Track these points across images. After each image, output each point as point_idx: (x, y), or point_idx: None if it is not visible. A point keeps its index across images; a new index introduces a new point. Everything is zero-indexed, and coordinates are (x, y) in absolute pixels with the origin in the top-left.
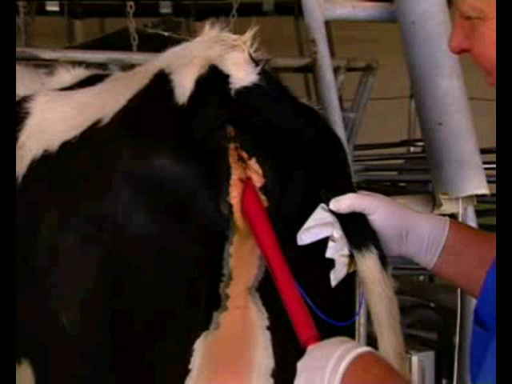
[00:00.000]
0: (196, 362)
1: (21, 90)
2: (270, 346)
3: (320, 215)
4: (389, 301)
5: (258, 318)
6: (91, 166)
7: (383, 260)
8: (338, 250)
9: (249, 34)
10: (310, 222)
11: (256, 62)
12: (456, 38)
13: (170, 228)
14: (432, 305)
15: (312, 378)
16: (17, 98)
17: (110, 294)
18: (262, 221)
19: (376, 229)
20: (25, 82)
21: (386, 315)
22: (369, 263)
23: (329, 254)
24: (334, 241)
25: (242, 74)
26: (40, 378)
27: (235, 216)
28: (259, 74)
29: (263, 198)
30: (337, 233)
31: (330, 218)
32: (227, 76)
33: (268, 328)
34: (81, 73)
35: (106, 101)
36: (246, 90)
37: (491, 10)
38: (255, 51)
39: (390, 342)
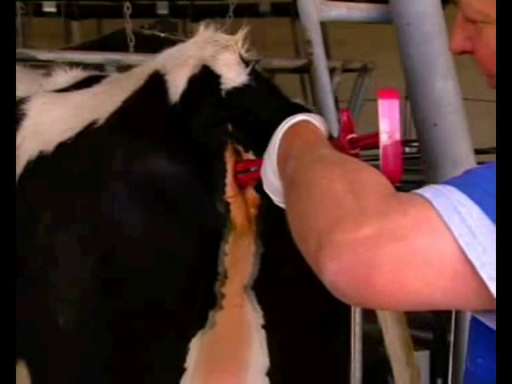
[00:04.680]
0: (192, 360)
1: (20, 91)
2: (265, 345)
3: None
4: None
5: (253, 316)
6: (87, 167)
7: None
8: None
9: (241, 34)
10: None
11: (246, 63)
12: (457, 39)
13: (165, 227)
14: None
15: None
16: None
17: (105, 293)
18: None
19: None
20: (23, 82)
21: None
22: None
23: None
24: None
25: (232, 74)
26: (36, 378)
27: (231, 214)
28: (249, 74)
29: (258, 195)
30: None
31: None
32: (218, 76)
33: (263, 326)
34: (78, 74)
35: (102, 102)
36: (235, 91)
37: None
38: (247, 51)
39: (394, 331)
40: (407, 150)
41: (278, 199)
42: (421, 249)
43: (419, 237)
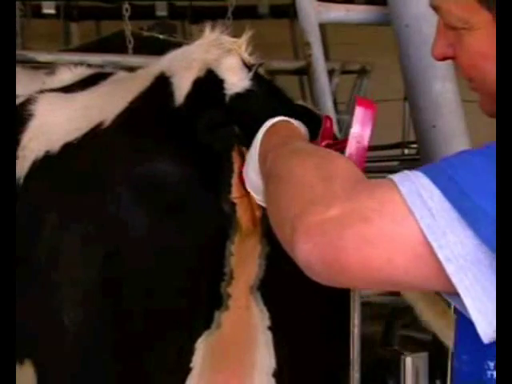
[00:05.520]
0: (197, 361)
1: (18, 91)
2: (271, 346)
3: None
4: None
5: (260, 317)
6: (93, 167)
7: None
8: None
9: (244, 38)
10: None
11: (249, 67)
12: (439, 46)
13: (171, 227)
14: None
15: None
16: None
17: (111, 293)
18: None
19: None
20: (22, 82)
21: None
22: None
23: None
24: None
25: (235, 79)
26: (42, 378)
27: (237, 214)
28: (252, 79)
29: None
30: None
31: None
32: (222, 81)
33: (269, 328)
34: (82, 71)
35: (108, 103)
36: (238, 96)
37: (477, 20)
38: (250, 55)
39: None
40: (406, 151)
41: (259, 198)
42: (384, 229)
43: (383, 218)
